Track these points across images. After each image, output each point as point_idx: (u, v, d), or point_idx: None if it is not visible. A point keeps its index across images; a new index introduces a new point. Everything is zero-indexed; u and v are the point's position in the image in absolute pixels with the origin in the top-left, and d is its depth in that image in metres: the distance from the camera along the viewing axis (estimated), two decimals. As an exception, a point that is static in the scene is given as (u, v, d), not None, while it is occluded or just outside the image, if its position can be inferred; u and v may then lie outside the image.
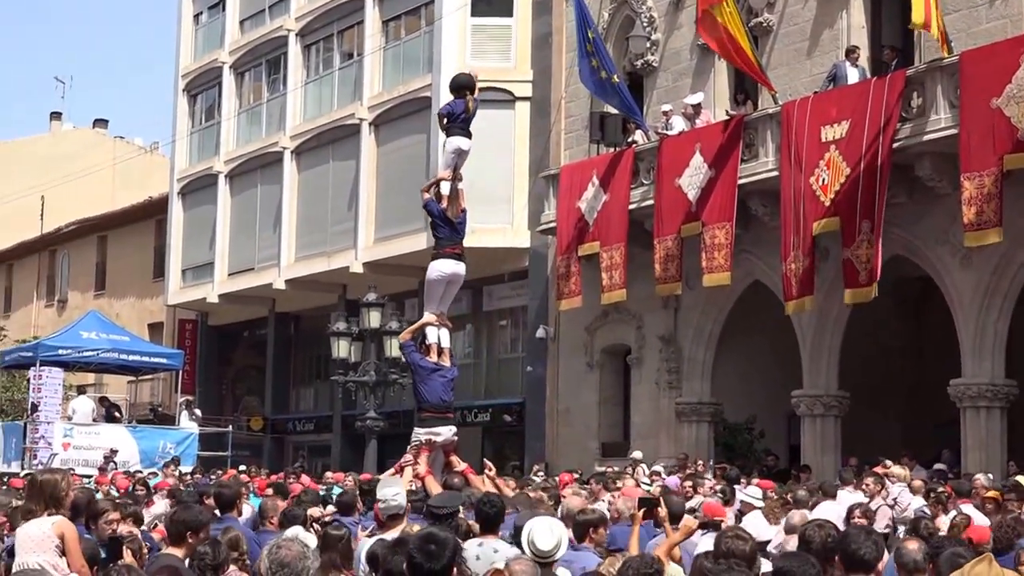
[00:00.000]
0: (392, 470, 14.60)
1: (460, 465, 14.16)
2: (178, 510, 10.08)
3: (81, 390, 36.24)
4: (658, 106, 29.76)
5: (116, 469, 28.64)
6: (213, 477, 24.93)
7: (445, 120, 15.68)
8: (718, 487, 18.29)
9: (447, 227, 14.97)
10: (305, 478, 23.97)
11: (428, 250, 33.72)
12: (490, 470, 14.30)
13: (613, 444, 30.78)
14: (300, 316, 43.48)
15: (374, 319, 28.49)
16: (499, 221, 34.13)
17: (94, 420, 33.33)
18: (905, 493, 18.60)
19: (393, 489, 10.63)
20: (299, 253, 39.72)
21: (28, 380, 34.91)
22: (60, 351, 33.16)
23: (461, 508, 10.76)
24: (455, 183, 15.27)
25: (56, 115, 72.79)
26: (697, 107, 28.01)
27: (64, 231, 56.77)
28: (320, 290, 39.61)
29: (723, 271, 26.14)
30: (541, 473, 26.22)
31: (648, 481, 20.46)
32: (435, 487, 13.17)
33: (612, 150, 30.09)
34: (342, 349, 28.90)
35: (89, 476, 25.72)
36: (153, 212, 50.46)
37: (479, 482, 13.72)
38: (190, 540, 9.14)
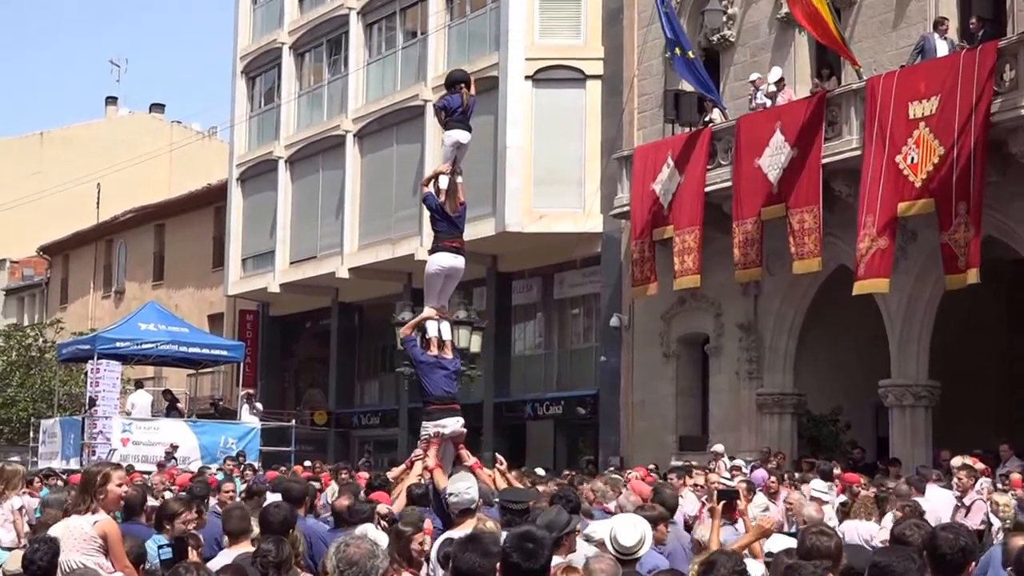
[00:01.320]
0: (404, 465, 14.83)
1: (470, 459, 14.34)
2: (237, 507, 10.13)
3: (140, 384, 36.46)
4: (735, 83, 29.63)
5: (176, 465, 28.93)
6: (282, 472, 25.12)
7: (443, 114, 16.07)
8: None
9: (445, 221, 15.24)
10: (364, 474, 24.03)
11: (498, 235, 34.38)
12: (500, 464, 14.49)
13: (691, 438, 30.72)
14: (364, 306, 43.68)
15: (441, 308, 28.50)
16: (570, 205, 34.14)
17: (154, 415, 33.63)
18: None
19: (465, 483, 10.66)
20: (363, 240, 39.87)
21: (86, 374, 35.27)
22: (118, 344, 33.46)
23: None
24: (454, 177, 15.55)
25: (111, 100, 73.60)
26: (779, 83, 27.85)
27: (121, 220, 57.35)
28: (385, 278, 39.77)
29: (813, 256, 25.98)
30: (615, 467, 26.23)
31: (729, 476, 20.38)
32: (443, 481, 13.38)
33: (688, 130, 29.99)
34: (408, 340, 28.94)
35: (149, 472, 25.99)
36: (212, 199, 50.86)
37: (487, 476, 13.89)
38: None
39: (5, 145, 70.24)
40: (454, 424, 14.57)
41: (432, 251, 15.34)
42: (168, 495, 16.21)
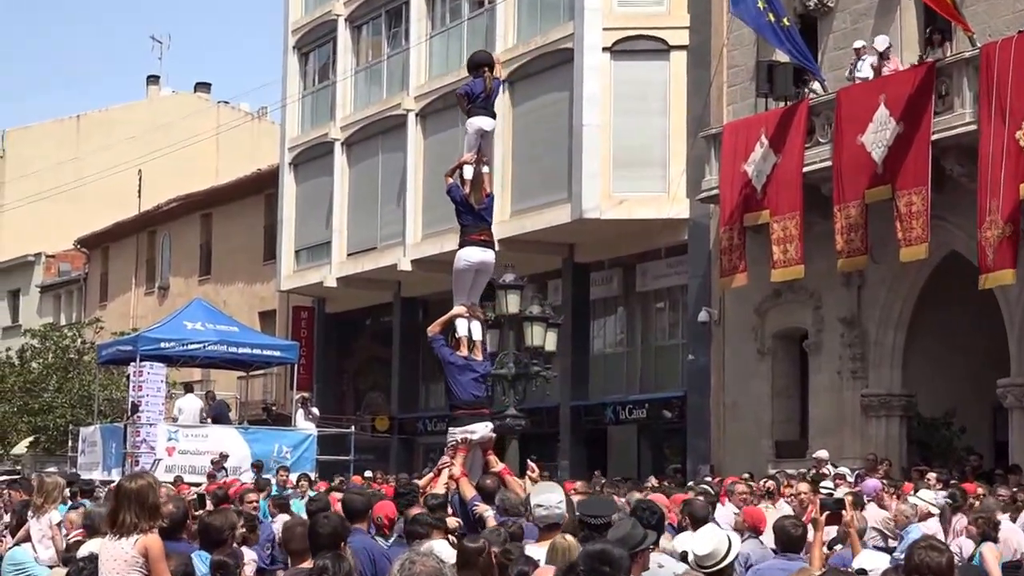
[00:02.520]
0: (432, 474, 15.21)
1: (498, 465, 14.74)
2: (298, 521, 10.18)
3: (187, 387, 36.73)
4: (834, 52, 29.49)
5: (227, 476, 29.14)
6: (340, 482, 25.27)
7: (466, 100, 16.37)
8: (943, 494, 18.14)
9: (471, 214, 15.75)
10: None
11: (575, 222, 34.38)
12: (532, 471, 14.92)
13: (789, 443, 30.63)
14: (429, 301, 43.73)
15: (512, 303, 28.59)
16: (653, 189, 34.12)
17: (202, 421, 33.87)
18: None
19: (555, 495, 10.62)
20: (426, 230, 39.96)
21: (128, 377, 35.53)
22: (162, 344, 33.71)
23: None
24: (479, 166, 16.02)
25: (153, 79, 74.18)
26: (885, 52, 27.68)
27: (164, 209, 57.81)
28: (451, 271, 39.81)
29: (921, 242, 25.84)
30: (707, 477, 26.20)
31: (831, 485, 20.32)
32: (468, 490, 13.64)
33: (783, 104, 29.87)
34: (477, 338, 29.03)
35: (198, 484, 26.20)
36: (262, 186, 51.16)
37: (516, 484, 14.16)
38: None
39: (39, 130, 71.10)
40: (483, 430, 14.98)
41: (460, 245, 15.81)
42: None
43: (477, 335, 15.68)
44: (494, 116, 16.44)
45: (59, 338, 53.09)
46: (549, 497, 10.60)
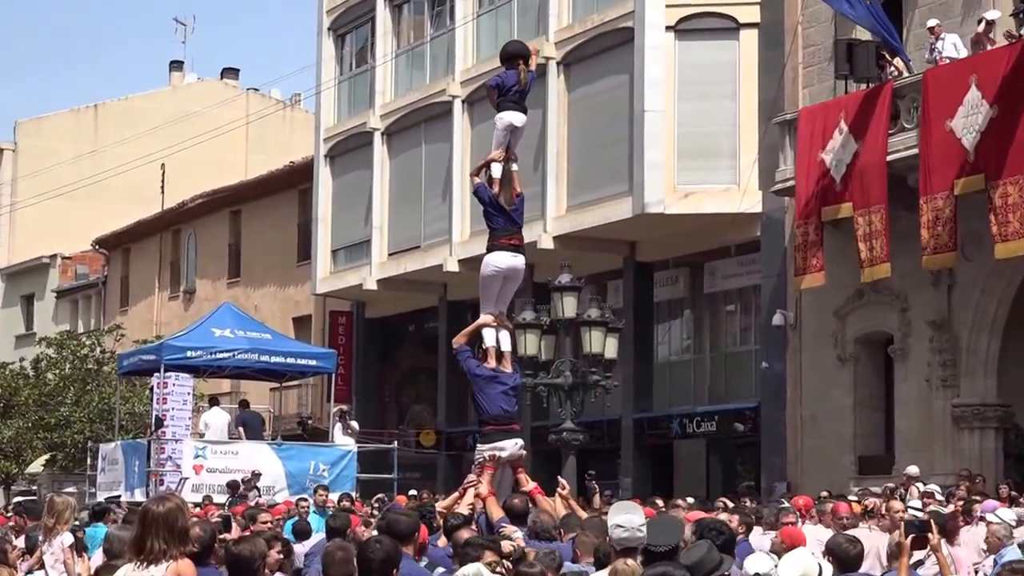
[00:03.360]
0: (457, 493, 15.41)
1: (528, 485, 14.99)
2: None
3: (214, 400, 36.82)
4: (920, 29, 29.32)
5: (259, 496, 29.18)
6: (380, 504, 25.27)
7: (496, 93, 16.58)
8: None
9: (501, 216, 16.04)
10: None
11: (636, 218, 34.32)
12: (563, 488, 14.99)
13: (873, 458, 30.49)
14: (478, 304, 43.83)
15: (568, 307, 28.55)
16: (722, 180, 34.03)
17: (231, 436, 33.96)
18: None
19: (636, 517, 10.50)
20: (475, 226, 39.86)
21: (151, 389, 35.68)
22: (188, 353, 33.79)
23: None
24: (508, 164, 16.24)
25: (176, 64, 74.57)
26: (989, 26, 27.44)
27: (189, 206, 58.01)
28: (500, 271, 39.86)
29: (1018, 238, 25.67)
30: (784, 496, 26.09)
31: (919, 505, 20.21)
32: (496, 511, 13.77)
33: (864, 87, 29.74)
34: (530, 345, 29.01)
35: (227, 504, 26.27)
36: (296, 181, 51.29)
37: (548, 504, 14.43)
38: None
39: (54, 121, 71.50)
40: (512, 447, 15.34)
41: (488, 250, 16.16)
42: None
43: (506, 346, 16.04)
44: (525, 111, 16.59)
45: (77, 347, 53.27)
46: (631, 518, 10.45)
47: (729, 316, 36.82)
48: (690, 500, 24.11)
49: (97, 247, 64.35)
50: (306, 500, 24.98)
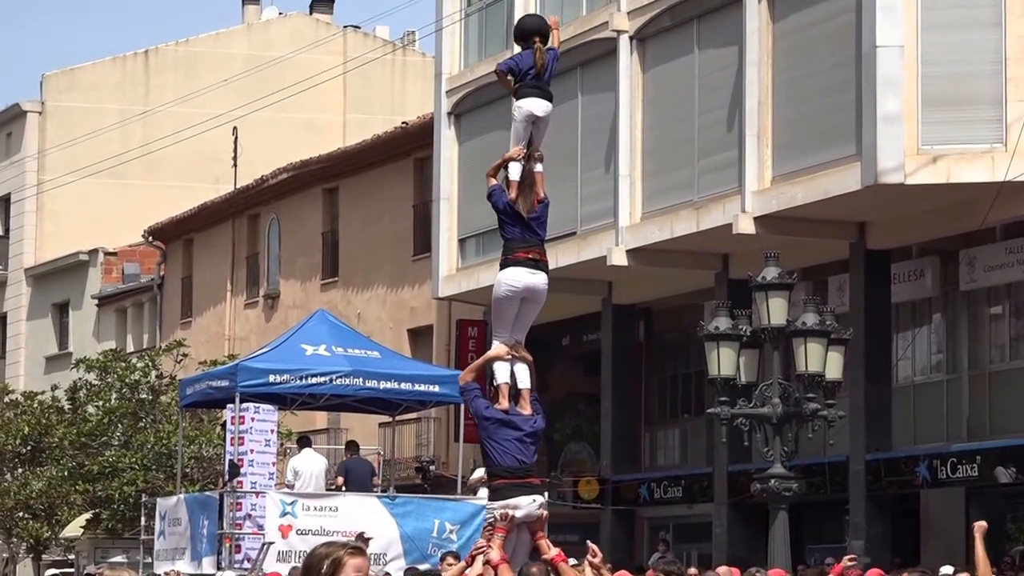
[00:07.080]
0: (464, 561, 15.92)
1: (551, 551, 15.27)
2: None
3: (305, 440, 37.09)
4: None
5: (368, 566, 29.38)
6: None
7: (510, 78, 17.03)
8: None
9: (517, 225, 16.58)
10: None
11: (867, 190, 34.18)
12: (594, 556, 15.47)
13: None
14: (653, 309, 43.87)
15: (776, 311, 28.52)
16: (983, 138, 33.81)
17: (329, 487, 34.16)
18: None
19: None
20: (648, 206, 39.99)
21: (223, 426, 35.99)
22: (271, 377, 33.94)
23: None
24: (530, 164, 16.67)
25: (253, -2, 75.28)
26: None
27: (270, 183, 58.34)
28: (685, 264, 39.88)
29: None
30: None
31: None
32: None
33: None
34: (725, 363, 29.01)
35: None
36: (410, 147, 51.55)
37: (574, 574, 14.95)
38: None
39: (92, 73, 71.95)
40: (528, 505, 15.62)
41: (502, 265, 16.61)
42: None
43: (523, 382, 16.18)
44: (550, 98, 17.05)
45: (125, 371, 53.69)
46: None
47: (995, 321, 36.57)
48: (947, 570, 24.01)
49: (150, 239, 64.86)
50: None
